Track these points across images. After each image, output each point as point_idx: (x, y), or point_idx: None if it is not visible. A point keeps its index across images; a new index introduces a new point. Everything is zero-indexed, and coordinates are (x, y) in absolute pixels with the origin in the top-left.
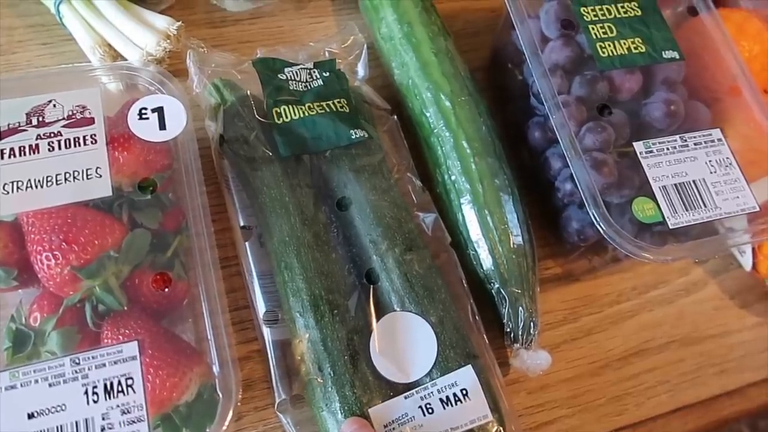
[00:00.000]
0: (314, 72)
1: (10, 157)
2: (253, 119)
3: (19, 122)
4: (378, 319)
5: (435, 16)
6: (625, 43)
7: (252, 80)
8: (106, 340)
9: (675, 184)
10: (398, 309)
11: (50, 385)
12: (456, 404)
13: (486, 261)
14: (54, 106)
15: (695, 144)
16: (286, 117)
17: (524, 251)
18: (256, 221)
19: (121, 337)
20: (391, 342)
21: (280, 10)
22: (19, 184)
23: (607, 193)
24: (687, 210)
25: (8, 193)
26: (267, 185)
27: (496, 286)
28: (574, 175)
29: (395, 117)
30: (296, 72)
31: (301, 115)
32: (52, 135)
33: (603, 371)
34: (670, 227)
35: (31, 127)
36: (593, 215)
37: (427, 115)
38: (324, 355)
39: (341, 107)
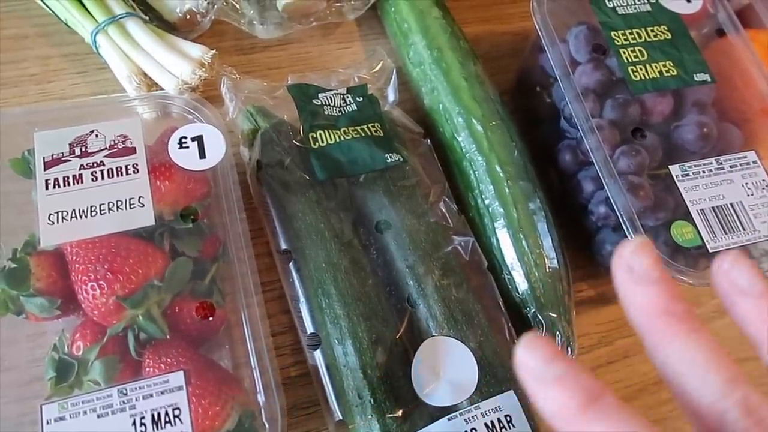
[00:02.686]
0: (347, 97)
1: (54, 187)
2: (290, 144)
3: (62, 152)
4: (418, 344)
5: (463, 41)
6: (656, 67)
7: (283, 106)
8: (147, 369)
9: (713, 207)
10: (437, 334)
11: (99, 416)
12: (501, 431)
13: (521, 285)
14: (96, 136)
15: (731, 167)
16: (322, 141)
17: (560, 275)
18: (291, 246)
19: (163, 365)
20: (431, 367)
21: (308, 37)
22: (64, 214)
23: (642, 216)
24: (726, 233)
25: (53, 223)
26: (302, 211)
27: (533, 310)
28: (610, 198)
29: (428, 141)
30: (330, 97)
31: (337, 140)
32: (95, 165)
33: (640, 395)
34: (710, 251)
35: (74, 157)
36: (631, 239)
37: (459, 139)
38: (363, 383)
39: (375, 131)
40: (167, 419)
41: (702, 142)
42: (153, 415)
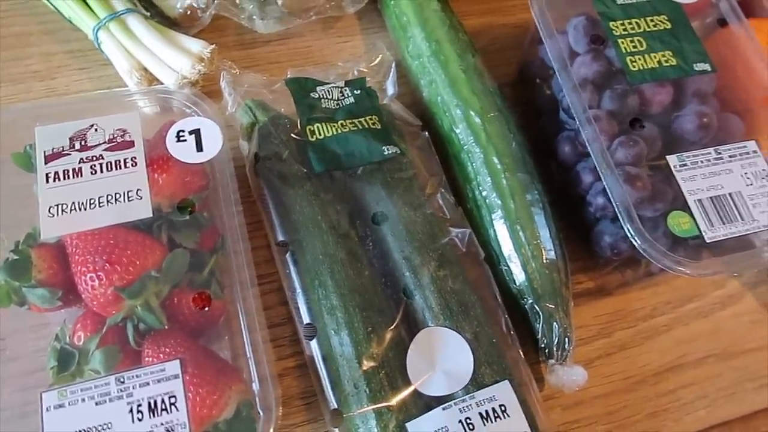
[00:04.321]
0: (345, 90)
1: (54, 180)
2: (288, 137)
3: (62, 146)
4: (413, 334)
5: (462, 33)
6: (655, 57)
7: (282, 100)
8: (147, 359)
9: (711, 197)
10: (432, 325)
11: (96, 403)
12: (495, 420)
13: (519, 276)
14: (96, 130)
15: (730, 156)
16: (320, 134)
17: (557, 266)
18: (288, 238)
19: (161, 355)
20: (427, 357)
21: (309, 31)
22: (64, 207)
23: (640, 207)
24: (724, 223)
25: (53, 216)
26: (299, 203)
27: (530, 301)
28: (607, 189)
29: (426, 133)
30: (328, 90)
31: (334, 132)
32: (95, 158)
33: (639, 387)
34: (707, 241)
35: (74, 150)
36: (628, 230)
37: (457, 131)
38: (359, 373)
39: (373, 124)
40: (163, 407)
41: (701, 132)
42: (150, 403)
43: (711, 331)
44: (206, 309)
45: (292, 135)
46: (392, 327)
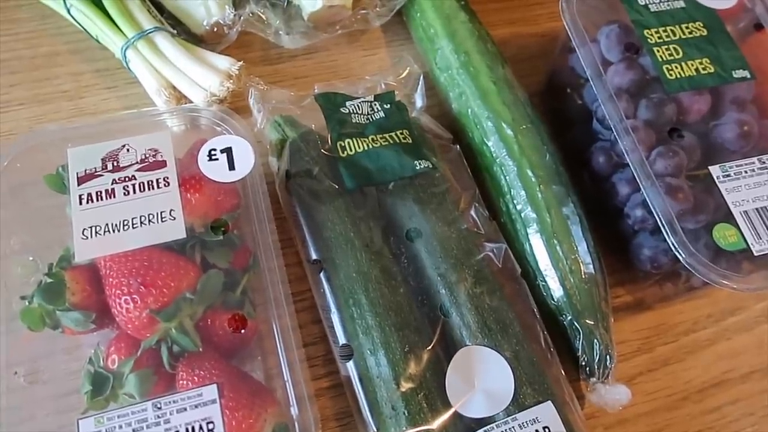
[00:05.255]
0: (375, 105)
1: (87, 202)
2: (318, 153)
3: (95, 167)
4: (451, 354)
5: (491, 44)
6: (692, 65)
7: (311, 115)
8: (181, 382)
9: (757, 209)
10: (470, 343)
11: (134, 430)
12: None
13: (557, 292)
14: (127, 150)
15: None
16: (351, 150)
17: (596, 280)
18: (321, 256)
19: (196, 378)
20: (466, 378)
21: (334, 45)
22: (97, 229)
23: (682, 219)
24: None
25: (87, 238)
26: (331, 220)
27: (569, 317)
28: (648, 201)
29: (457, 146)
30: (358, 105)
31: (365, 148)
32: (127, 179)
33: (682, 404)
34: (755, 254)
35: (106, 172)
36: (672, 243)
37: (489, 144)
38: (397, 395)
39: (404, 138)
40: None
41: (743, 141)
42: (187, 429)
43: (755, 346)
44: (242, 331)
45: (323, 151)
46: (429, 347)
